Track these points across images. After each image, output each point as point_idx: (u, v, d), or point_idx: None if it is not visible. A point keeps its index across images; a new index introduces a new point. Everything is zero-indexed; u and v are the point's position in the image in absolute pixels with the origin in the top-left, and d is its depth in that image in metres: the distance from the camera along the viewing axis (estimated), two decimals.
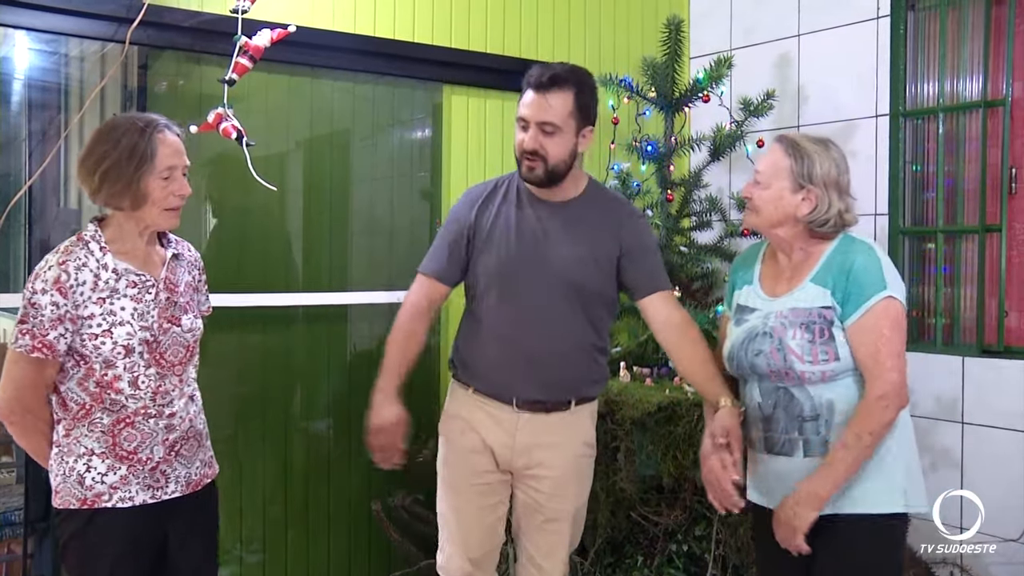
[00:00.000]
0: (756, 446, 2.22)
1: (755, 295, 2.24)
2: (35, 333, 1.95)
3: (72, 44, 3.34)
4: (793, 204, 2.12)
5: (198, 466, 2.17)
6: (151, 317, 2.05)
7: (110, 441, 2.02)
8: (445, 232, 2.53)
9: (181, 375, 2.12)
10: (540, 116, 2.33)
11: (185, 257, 2.22)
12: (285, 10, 3.11)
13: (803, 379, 2.08)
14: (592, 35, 4.00)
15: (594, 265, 2.39)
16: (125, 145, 1.99)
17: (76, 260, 1.99)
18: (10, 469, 3.65)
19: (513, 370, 2.41)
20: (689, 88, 3.46)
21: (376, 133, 3.72)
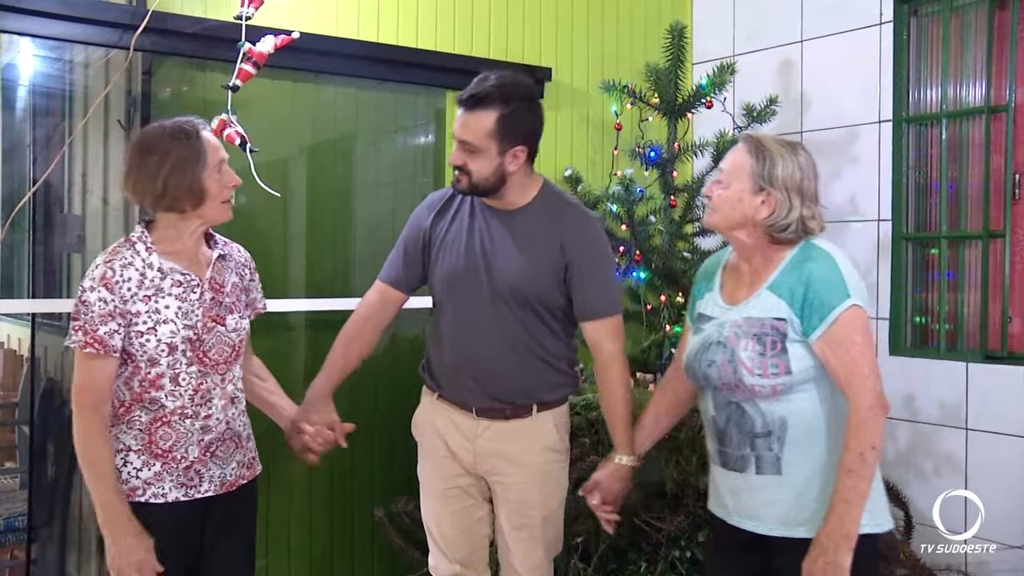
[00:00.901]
0: (713, 459, 2.17)
1: (714, 303, 2.15)
2: (86, 329, 2.02)
3: (76, 50, 3.35)
4: (752, 206, 2.02)
5: (234, 467, 2.20)
6: (195, 316, 2.11)
7: (147, 439, 2.08)
8: (402, 238, 2.53)
9: (224, 374, 2.17)
10: (459, 134, 2.30)
11: (233, 258, 2.27)
12: (289, 16, 3.13)
13: (753, 393, 1.99)
14: (595, 41, 4.01)
15: (539, 274, 2.33)
16: (178, 150, 2.06)
17: (122, 259, 2.07)
18: (13, 475, 3.66)
19: (465, 379, 2.41)
20: (692, 94, 3.47)
21: (379, 139, 3.73)
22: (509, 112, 2.26)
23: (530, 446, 2.41)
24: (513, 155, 2.30)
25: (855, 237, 3.68)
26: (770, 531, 2.04)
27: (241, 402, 2.25)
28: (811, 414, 2.00)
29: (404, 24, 3.50)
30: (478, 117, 2.27)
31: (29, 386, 3.44)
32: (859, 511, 1.91)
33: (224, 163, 2.13)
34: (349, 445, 2.70)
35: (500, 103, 2.26)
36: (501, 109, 2.25)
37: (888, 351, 3.59)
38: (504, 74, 2.31)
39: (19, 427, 3.85)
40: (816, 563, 1.90)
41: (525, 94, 2.32)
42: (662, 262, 3.44)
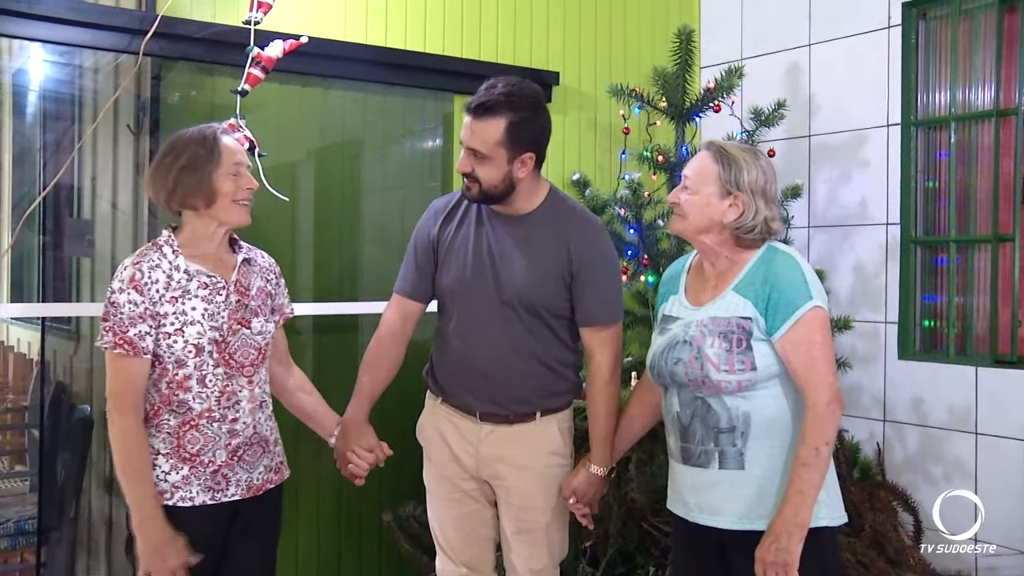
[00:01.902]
0: (674, 456, 2.21)
1: (679, 305, 2.22)
2: (116, 330, 2.06)
3: (86, 55, 3.36)
4: (720, 210, 2.10)
5: (261, 471, 2.23)
6: (221, 318, 2.14)
7: (175, 443, 2.11)
8: (412, 248, 2.53)
9: (251, 377, 2.20)
10: (468, 142, 2.30)
11: (258, 263, 2.31)
12: (297, 21, 3.13)
13: (719, 389, 2.06)
14: (603, 45, 4.01)
15: (544, 280, 2.33)
16: (193, 149, 2.12)
17: (150, 261, 2.11)
18: (24, 478, 3.68)
19: (468, 384, 2.42)
20: (700, 98, 3.47)
21: (387, 143, 3.74)
22: (518, 120, 2.26)
23: (534, 450, 2.41)
24: (521, 162, 2.30)
25: (863, 241, 3.68)
26: (731, 525, 2.09)
27: (268, 406, 2.28)
28: (773, 410, 2.08)
29: (412, 28, 3.51)
30: (487, 125, 2.26)
31: (39, 390, 3.45)
32: (812, 502, 1.99)
33: (241, 167, 2.17)
34: None
35: (509, 111, 2.25)
36: (510, 117, 2.25)
37: (897, 355, 3.58)
38: (512, 81, 2.31)
39: (29, 431, 3.86)
40: (769, 550, 1.98)
41: (533, 101, 2.32)
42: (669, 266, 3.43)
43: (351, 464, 2.45)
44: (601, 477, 2.37)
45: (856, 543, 2.97)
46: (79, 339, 3.68)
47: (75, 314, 3.51)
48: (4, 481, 3.72)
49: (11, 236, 3.04)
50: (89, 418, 3.32)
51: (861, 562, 2.95)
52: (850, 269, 3.71)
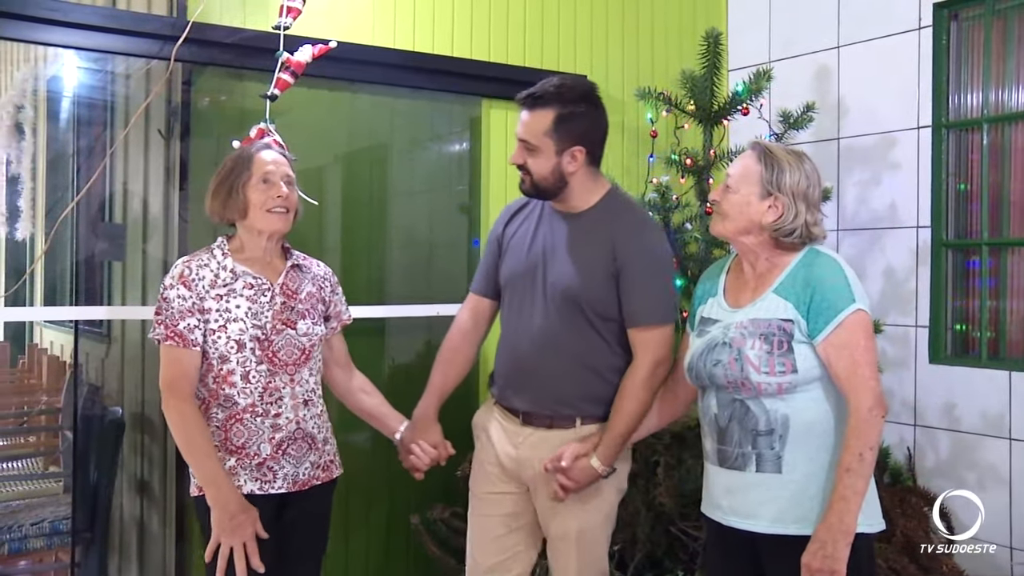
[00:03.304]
0: (710, 458, 2.20)
1: (718, 307, 2.20)
2: (167, 323, 2.19)
3: (118, 62, 3.39)
4: (759, 211, 2.09)
5: (307, 467, 2.30)
6: (264, 317, 2.24)
7: (223, 436, 2.22)
8: (486, 247, 2.61)
9: (293, 375, 2.28)
10: (519, 132, 2.36)
11: (311, 271, 2.41)
12: (326, 26, 3.14)
13: (759, 391, 2.04)
14: (630, 48, 4.00)
15: (589, 277, 2.32)
16: (231, 165, 2.29)
17: (199, 260, 2.25)
18: (58, 479, 3.71)
19: (514, 380, 2.43)
20: (728, 101, 3.44)
21: (415, 147, 3.74)
22: (566, 112, 2.30)
23: None
24: (571, 155, 2.32)
25: (893, 244, 3.64)
26: (766, 529, 2.07)
27: (315, 405, 2.34)
28: (813, 414, 2.06)
29: (440, 32, 3.51)
30: (536, 116, 2.31)
31: (72, 392, 3.48)
32: (857, 508, 1.97)
33: (271, 175, 2.27)
34: (386, 451, 2.72)
35: (557, 103, 2.30)
36: (558, 109, 2.29)
37: (928, 359, 3.53)
38: (566, 76, 2.38)
39: (62, 432, 3.90)
40: (815, 556, 1.96)
41: (584, 96, 2.35)
42: (698, 269, 3.40)
43: (413, 456, 2.48)
44: (597, 472, 2.31)
45: (887, 549, 2.93)
46: (110, 342, 3.72)
47: (108, 317, 3.53)
48: (39, 482, 3.77)
49: (45, 241, 3.06)
50: (121, 420, 3.35)
51: (893, 568, 2.91)
52: (880, 273, 3.67)
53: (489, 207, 3.61)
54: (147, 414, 3.35)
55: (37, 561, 3.36)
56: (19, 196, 4.64)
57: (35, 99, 4.57)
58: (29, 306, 4.22)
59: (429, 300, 3.55)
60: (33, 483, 3.73)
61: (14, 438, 4.33)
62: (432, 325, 3.49)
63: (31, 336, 4.97)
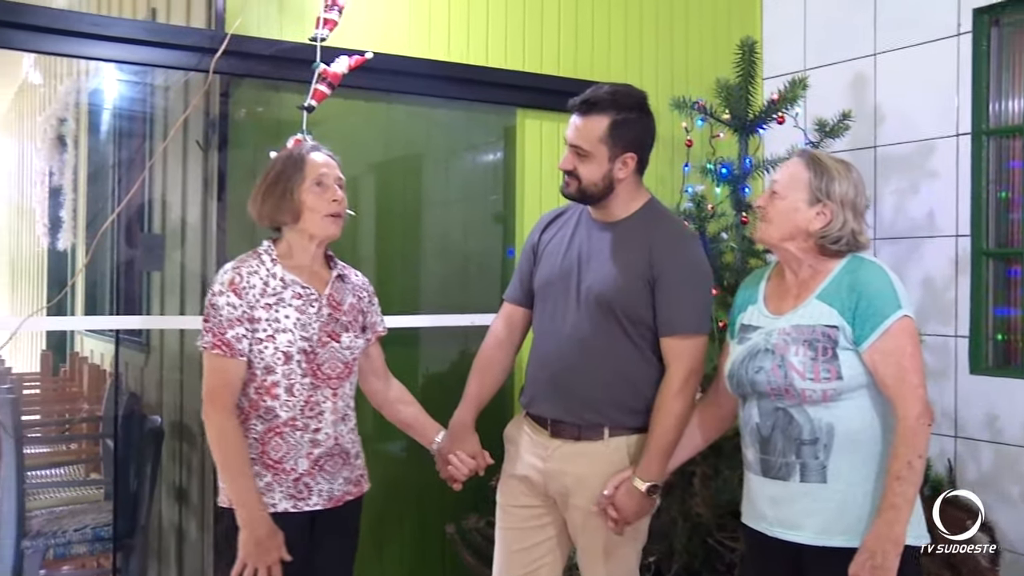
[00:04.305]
0: (752, 468, 2.16)
1: (759, 313, 2.19)
2: (215, 331, 2.13)
3: (157, 74, 3.42)
4: (807, 217, 2.08)
5: (341, 483, 2.27)
6: (312, 329, 2.20)
7: (260, 449, 2.17)
8: (521, 255, 2.60)
9: (336, 389, 2.24)
10: (572, 138, 2.35)
11: (351, 280, 2.37)
12: (361, 37, 3.15)
13: (803, 398, 2.02)
14: (664, 57, 3.98)
15: (624, 284, 2.30)
16: (280, 166, 2.24)
17: (249, 267, 2.19)
18: (99, 486, 3.75)
19: (543, 385, 2.41)
20: (763, 109, 3.41)
21: (449, 157, 3.75)
22: (621, 119, 2.31)
23: (600, 472, 2.33)
24: (623, 162, 2.33)
25: (932, 253, 3.57)
26: (811, 540, 2.04)
27: (351, 420, 2.32)
28: (858, 422, 2.03)
29: (474, 42, 3.51)
30: (590, 122, 2.31)
31: (113, 400, 3.52)
32: (906, 517, 1.93)
33: (325, 178, 2.23)
34: (420, 461, 2.70)
35: (613, 109, 2.31)
36: (613, 115, 2.30)
37: (968, 369, 3.46)
38: (619, 84, 2.39)
39: (103, 440, 3.94)
40: (864, 567, 1.92)
41: (638, 102, 2.36)
42: (734, 279, 3.37)
43: (451, 467, 2.46)
44: (643, 492, 2.27)
45: (929, 563, 2.87)
46: (149, 351, 3.76)
47: (148, 327, 3.57)
48: (81, 488, 3.81)
49: (86, 252, 3.10)
50: (160, 428, 3.38)
51: None
52: (919, 282, 3.61)
53: (524, 217, 3.59)
54: (185, 423, 3.38)
55: (80, 567, 3.40)
56: (61, 207, 4.72)
57: (77, 112, 4.64)
58: (70, 315, 4.29)
59: (463, 310, 3.54)
60: (75, 490, 3.77)
61: (56, 445, 4.39)
62: (466, 335, 3.49)
63: (72, 345, 5.04)
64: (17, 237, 6.78)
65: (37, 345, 5.34)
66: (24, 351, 5.42)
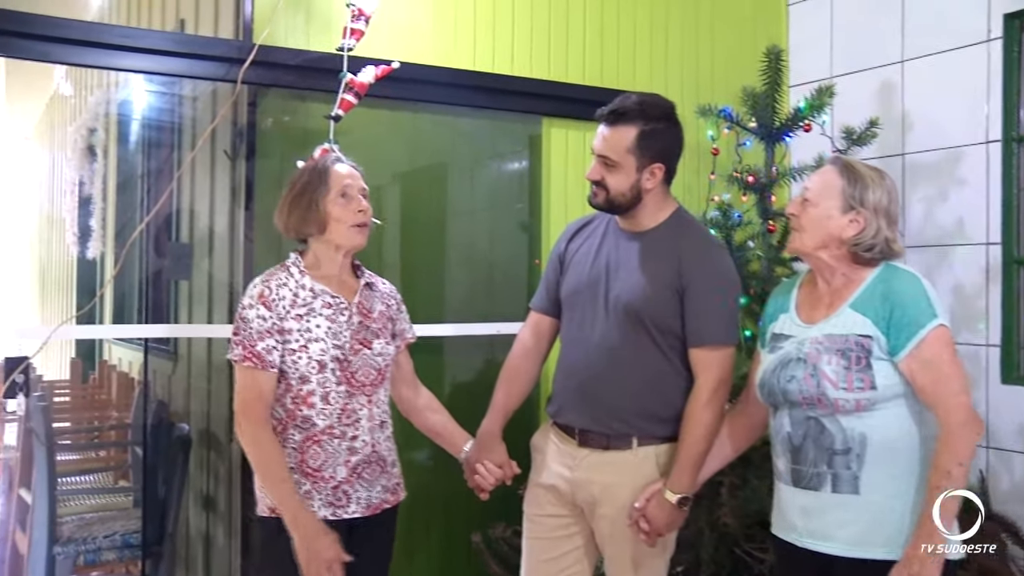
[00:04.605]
0: (782, 478, 2.14)
1: (791, 322, 2.17)
2: (245, 344, 2.16)
3: (185, 84, 3.45)
4: (840, 225, 2.07)
5: (379, 491, 2.29)
6: (343, 337, 2.23)
7: (299, 458, 2.19)
8: (547, 265, 2.60)
9: (371, 396, 2.27)
10: (599, 148, 2.34)
11: (379, 288, 2.40)
12: (387, 46, 3.16)
13: (836, 407, 2.00)
14: (689, 65, 3.97)
15: (653, 293, 2.30)
16: (303, 179, 2.27)
17: (278, 279, 2.22)
18: (128, 493, 3.78)
19: (571, 395, 2.41)
20: (790, 117, 3.39)
21: (474, 166, 3.75)
22: (649, 129, 2.30)
23: (628, 481, 2.33)
24: (651, 172, 2.32)
25: (962, 261, 3.53)
26: (844, 552, 2.01)
27: (388, 427, 2.34)
28: (893, 433, 2.01)
29: (499, 51, 3.52)
30: (618, 132, 2.31)
31: (142, 408, 3.54)
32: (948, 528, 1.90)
33: (349, 189, 2.25)
34: (446, 469, 2.70)
35: (641, 119, 2.30)
36: (641, 125, 2.30)
37: (1000, 379, 3.42)
38: (646, 94, 2.38)
39: (132, 447, 3.97)
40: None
41: (665, 112, 2.36)
42: (761, 287, 3.35)
43: (478, 476, 2.46)
44: (674, 504, 2.26)
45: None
46: (177, 359, 3.78)
47: (175, 335, 3.59)
48: (109, 496, 3.84)
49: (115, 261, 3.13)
50: (188, 436, 3.40)
51: None
52: (949, 290, 3.57)
53: (550, 225, 3.59)
54: (213, 431, 3.39)
55: (109, 572, 3.42)
56: (90, 216, 4.77)
57: (107, 122, 4.70)
58: (99, 324, 4.32)
59: (489, 319, 3.53)
60: (104, 496, 3.81)
61: (86, 452, 4.44)
62: (492, 344, 3.49)
63: (101, 353, 5.09)
64: (47, 246, 6.87)
65: (66, 353, 5.41)
66: (54, 358, 5.49)
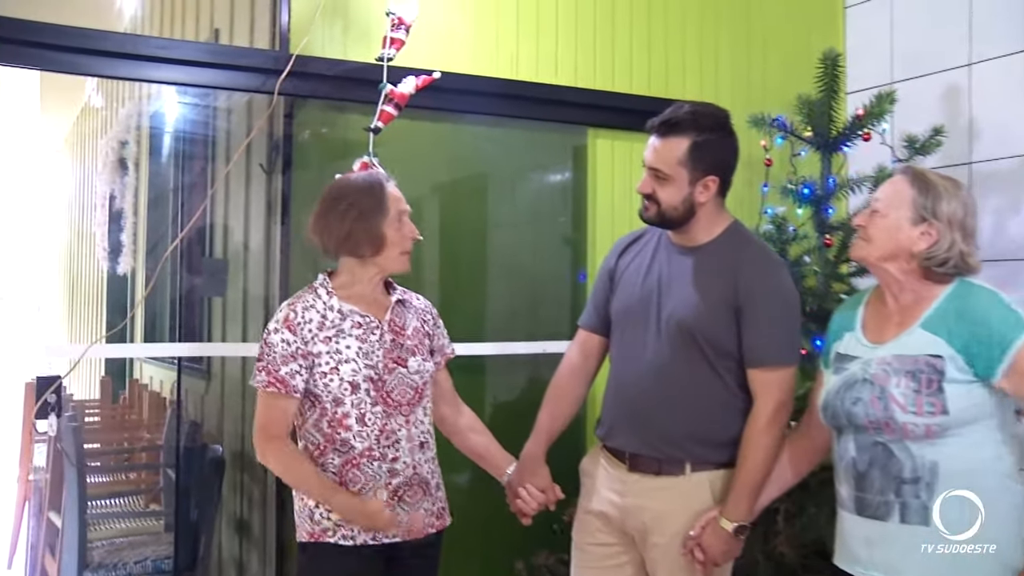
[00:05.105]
0: (846, 506, 2.11)
1: (856, 342, 2.14)
2: (269, 369, 2.21)
3: (220, 96, 3.54)
4: (911, 237, 2.04)
5: (422, 514, 2.32)
6: (376, 356, 2.27)
7: (338, 481, 2.24)
8: (595, 281, 2.63)
9: (408, 416, 2.30)
10: (650, 161, 2.34)
11: (413, 304, 2.45)
12: (427, 56, 3.21)
13: (905, 432, 1.96)
14: (741, 72, 4.00)
15: (708, 311, 2.30)
16: (365, 199, 2.27)
17: (304, 302, 2.27)
18: (159, 517, 3.86)
19: (621, 417, 2.42)
20: (848, 126, 3.41)
21: (516, 179, 3.80)
22: (701, 140, 2.30)
23: (680, 510, 2.33)
24: (704, 185, 2.32)
25: None
26: None
27: (430, 448, 2.37)
28: (967, 460, 1.97)
29: (543, 60, 3.57)
30: (670, 144, 2.31)
31: (174, 429, 3.61)
32: None
33: (405, 215, 2.32)
34: (488, 494, 2.74)
35: (693, 130, 2.29)
36: (693, 136, 2.29)
37: None
38: (699, 103, 2.38)
39: (164, 470, 4.05)
40: None
41: (719, 123, 2.36)
42: (817, 304, 3.36)
43: (520, 500, 2.49)
44: (730, 533, 2.27)
45: None
46: (210, 378, 3.85)
47: (209, 354, 3.66)
48: (140, 519, 3.92)
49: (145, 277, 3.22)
50: (221, 458, 3.46)
51: None
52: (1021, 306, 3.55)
53: (595, 239, 3.64)
54: (247, 452, 3.44)
55: None
56: (121, 231, 4.89)
57: (139, 135, 4.83)
58: (130, 342, 4.43)
59: (532, 337, 3.58)
60: (135, 521, 3.88)
61: (116, 475, 4.52)
62: (536, 363, 3.53)
63: (131, 371, 5.19)
64: (77, 261, 7.03)
65: (96, 371, 5.50)
66: (83, 377, 5.58)
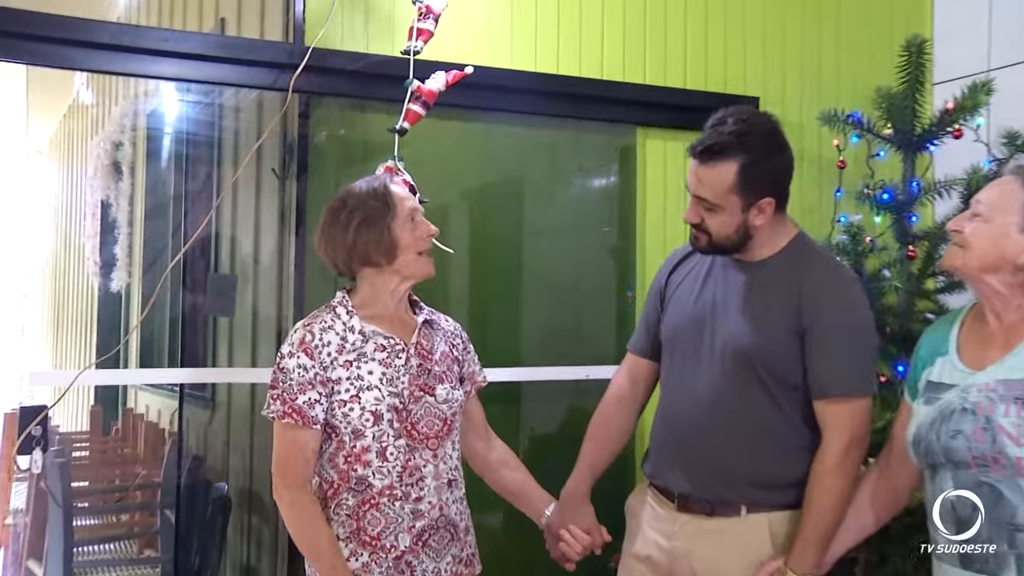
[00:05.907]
0: (945, 558, 2.05)
1: (951, 368, 2.09)
2: (284, 398, 2.19)
3: (227, 93, 3.57)
4: (1019, 245, 1.99)
5: (449, 561, 2.29)
6: (401, 383, 2.25)
7: (354, 525, 2.21)
8: (646, 299, 2.63)
9: (436, 451, 2.28)
10: (695, 189, 2.31)
11: (441, 327, 2.44)
12: (458, 49, 3.23)
13: (1018, 469, 1.89)
14: (810, 64, 3.99)
15: (768, 336, 2.28)
16: (367, 204, 2.27)
17: (322, 323, 2.26)
18: (154, 564, 3.86)
19: (670, 451, 2.42)
20: (935, 122, 3.39)
21: (557, 183, 3.80)
22: (751, 161, 2.25)
23: (734, 556, 2.32)
24: (759, 208, 2.29)
25: None
26: None
27: (459, 487, 2.35)
28: None
29: (587, 53, 3.58)
30: (715, 170, 2.26)
31: (174, 464, 3.62)
32: None
33: (417, 212, 2.32)
34: (523, 530, 2.74)
35: (741, 152, 2.24)
36: (742, 159, 2.24)
37: None
38: (743, 114, 2.31)
39: (162, 511, 4.05)
40: None
41: (768, 138, 2.31)
42: (898, 324, 3.34)
43: (562, 544, 2.48)
44: None
45: None
46: (215, 407, 3.86)
47: (214, 380, 3.68)
48: (134, 568, 3.91)
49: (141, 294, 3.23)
50: (226, 497, 3.45)
51: None
52: None
53: (645, 250, 3.63)
54: (255, 490, 3.45)
55: None
56: (115, 244, 4.93)
57: (134, 136, 4.87)
58: (124, 367, 4.45)
59: (574, 361, 3.57)
60: (128, 569, 3.87)
61: (107, 516, 4.49)
62: (578, 390, 3.53)
63: (125, 400, 5.20)
64: (63, 277, 7.08)
65: (85, 399, 5.51)
66: (70, 406, 5.60)
